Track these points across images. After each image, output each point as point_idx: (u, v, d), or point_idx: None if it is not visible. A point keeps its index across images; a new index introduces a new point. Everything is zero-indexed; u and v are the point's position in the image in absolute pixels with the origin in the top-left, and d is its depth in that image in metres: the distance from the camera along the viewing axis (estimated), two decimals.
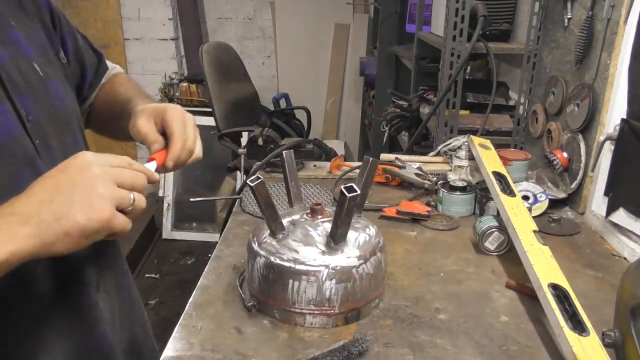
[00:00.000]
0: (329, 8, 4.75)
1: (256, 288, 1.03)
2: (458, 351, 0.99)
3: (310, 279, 0.96)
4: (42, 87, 0.79)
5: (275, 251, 0.98)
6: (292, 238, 1.00)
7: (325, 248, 0.98)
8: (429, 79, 2.71)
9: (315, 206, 1.04)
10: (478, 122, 2.06)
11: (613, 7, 1.45)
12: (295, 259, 0.97)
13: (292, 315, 1.00)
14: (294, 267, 0.96)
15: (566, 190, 1.62)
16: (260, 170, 1.82)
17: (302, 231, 1.01)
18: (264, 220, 1.02)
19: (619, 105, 1.42)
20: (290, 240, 1.00)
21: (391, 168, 1.76)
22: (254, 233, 1.06)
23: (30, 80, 0.76)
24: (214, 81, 3.19)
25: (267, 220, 1.00)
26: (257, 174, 1.11)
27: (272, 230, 1.01)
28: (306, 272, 0.96)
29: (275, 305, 1.00)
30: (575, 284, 1.11)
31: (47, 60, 0.83)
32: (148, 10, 4.53)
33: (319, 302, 0.98)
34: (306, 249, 0.98)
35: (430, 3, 2.68)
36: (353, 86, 4.95)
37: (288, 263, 0.96)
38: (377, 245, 1.06)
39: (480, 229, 1.35)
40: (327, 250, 0.98)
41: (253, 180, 0.95)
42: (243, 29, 4.80)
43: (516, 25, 2.17)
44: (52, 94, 0.80)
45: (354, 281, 0.99)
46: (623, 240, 1.37)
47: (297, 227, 1.02)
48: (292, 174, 1.13)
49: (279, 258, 0.97)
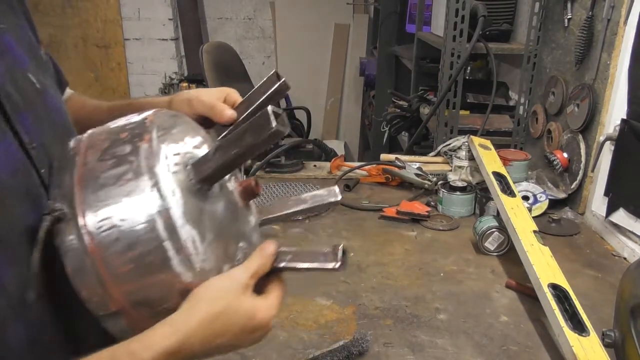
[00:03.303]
0: (329, 8, 4.75)
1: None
2: (458, 351, 0.99)
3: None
4: (41, 102, 0.69)
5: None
6: (209, 206, 0.61)
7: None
8: (429, 79, 2.71)
9: (248, 185, 0.67)
10: (478, 123, 2.06)
11: (613, 8, 1.45)
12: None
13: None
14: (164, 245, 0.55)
15: (566, 191, 1.62)
16: (260, 170, 1.82)
17: (225, 212, 0.63)
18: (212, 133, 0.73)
19: (619, 105, 1.42)
20: (209, 206, 0.61)
21: (391, 168, 1.76)
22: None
23: (29, 97, 0.67)
24: (214, 81, 3.19)
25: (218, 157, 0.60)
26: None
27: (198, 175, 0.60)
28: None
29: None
30: (575, 284, 1.11)
31: (38, 65, 0.75)
32: (148, 10, 4.53)
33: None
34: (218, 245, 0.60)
35: (430, 3, 2.68)
36: (353, 86, 4.95)
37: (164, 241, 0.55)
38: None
39: (480, 229, 1.35)
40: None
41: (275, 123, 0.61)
42: (243, 29, 4.79)
43: (516, 25, 2.17)
44: (50, 106, 0.72)
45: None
46: (623, 240, 1.37)
47: (222, 196, 0.64)
48: (263, 105, 0.76)
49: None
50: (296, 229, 1.47)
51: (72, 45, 4.50)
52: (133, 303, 0.55)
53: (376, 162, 1.84)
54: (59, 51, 4.49)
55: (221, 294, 0.58)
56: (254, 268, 0.61)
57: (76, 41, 4.50)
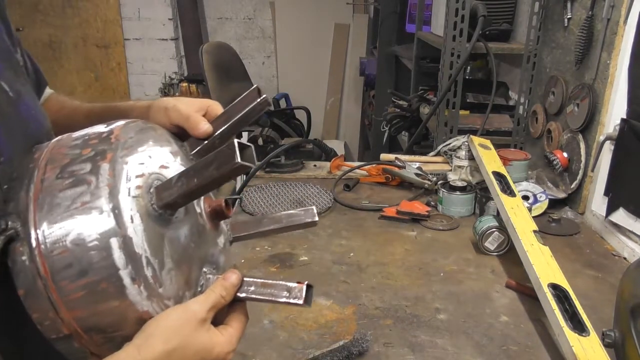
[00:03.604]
0: (329, 8, 4.75)
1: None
2: (458, 351, 0.99)
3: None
4: (14, 112, 0.65)
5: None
6: (171, 232, 0.58)
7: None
8: (429, 79, 2.71)
9: (218, 207, 0.66)
10: (478, 122, 2.06)
11: (613, 7, 1.45)
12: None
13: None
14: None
15: (566, 190, 1.62)
16: (260, 170, 1.82)
17: (190, 236, 0.61)
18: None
19: (619, 105, 1.42)
20: (171, 231, 0.58)
21: (391, 168, 1.76)
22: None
23: (1, 107, 0.62)
24: (214, 81, 3.19)
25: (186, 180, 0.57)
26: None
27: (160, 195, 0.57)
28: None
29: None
30: (575, 284, 1.11)
31: (14, 72, 0.69)
32: (148, 10, 4.53)
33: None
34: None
35: (430, 3, 2.68)
36: (353, 86, 4.95)
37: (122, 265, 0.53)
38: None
39: (480, 229, 1.35)
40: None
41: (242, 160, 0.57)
42: (243, 29, 4.80)
43: (516, 25, 2.17)
44: (25, 115, 0.67)
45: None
46: (623, 240, 1.37)
47: (187, 220, 0.61)
48: (241, 122, 0.72)
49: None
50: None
51: (72, 45, 4.51)
52: (85, 328, 0.53)
53: (376, 162, 1.84)
54: (59, 51, 4.50)
55: (176, 328, 0.56)
56: (213, 300, 0.59)
57: (76, 41, 4.50)
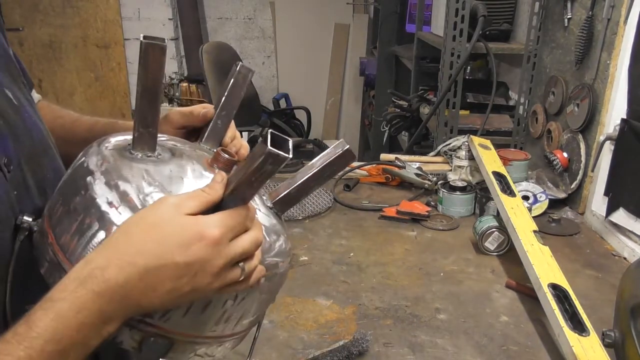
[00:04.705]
0: (329, 8, 4.75)
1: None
2: (458, 351, 0.99)
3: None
4: (19, 119, 0.65)
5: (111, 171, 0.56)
6: (154, 168, 0.58)
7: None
8: (429, 79, 2.71)
9: (222, 153, 0.63)
10: (478, 122, 2.06)
11: (613, 7, 1.45)
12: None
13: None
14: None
15: (566, 190, 1.62)
16: None
17: (176, 167, 0.60)
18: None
19: (619, 105, 1.42)
20: (150, 168, 0.58)
21: (391, 168, 1.76)
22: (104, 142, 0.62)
23: (7, 115, 0.62)
24: (214, 81, 3.20)
25: (137, 113, 0.60)
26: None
27: (134, 139, 0.59)
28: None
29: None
30: (575, 284, 1.11)
31: (13, 78, 0.69)
32: (148, 10, 4.53)
33: None
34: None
35: (430, 3, 2.68)
36: (353, 86, 4.95)
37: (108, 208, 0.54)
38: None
39: (480, 229, 1.35)
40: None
41: (150, 38, 0.60)
42: (243, 29, 4.79)
43: (516, 25, 2.17)
44: (28, 123, 0.67)
45: None
46: (623, 240, 1.37)
47: (174, 158, 0.62)
48: (233, 96, 0.75)
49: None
50: (296, 229, 1.47)
51: (72, 45, 4.50)
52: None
53: (376, 162, 1.84)
54: (59, 51, 4.49)
55: (150, 218, 0.51)
56: (193, 192, 0.54)
57: (76, 41, 4.50)
